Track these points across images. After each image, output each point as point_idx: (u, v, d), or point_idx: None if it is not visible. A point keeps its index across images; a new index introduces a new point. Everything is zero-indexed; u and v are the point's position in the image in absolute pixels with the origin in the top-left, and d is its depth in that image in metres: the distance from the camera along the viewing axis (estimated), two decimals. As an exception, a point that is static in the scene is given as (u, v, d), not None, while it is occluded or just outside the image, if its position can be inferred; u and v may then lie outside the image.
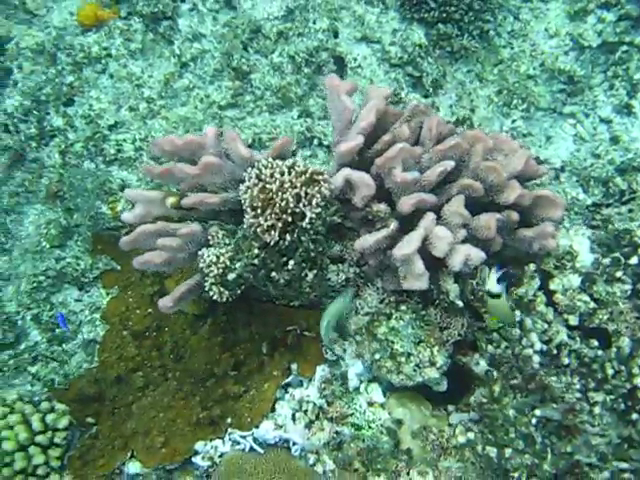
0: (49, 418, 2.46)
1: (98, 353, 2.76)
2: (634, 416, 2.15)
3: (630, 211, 2.64)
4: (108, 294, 2.93)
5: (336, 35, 3.10)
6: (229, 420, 2.36)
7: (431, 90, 3.06)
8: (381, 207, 2.15)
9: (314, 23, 3.07)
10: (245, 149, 2.09)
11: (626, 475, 2.11)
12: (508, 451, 2.14)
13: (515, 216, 2.17)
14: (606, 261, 2.27)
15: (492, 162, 2.13)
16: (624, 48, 3.17)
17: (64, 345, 2.91)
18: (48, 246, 2.98)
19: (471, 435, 2.22)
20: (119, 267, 2.93)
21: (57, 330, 2.91)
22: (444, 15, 3.00)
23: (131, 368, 2.65)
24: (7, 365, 2.87)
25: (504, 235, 2.22)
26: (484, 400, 2.21)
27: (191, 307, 2.64)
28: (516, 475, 2.14)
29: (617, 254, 2.26)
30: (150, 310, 2.79)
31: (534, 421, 2.12)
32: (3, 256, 3.07)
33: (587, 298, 2.26)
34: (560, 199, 2.24)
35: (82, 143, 3.04)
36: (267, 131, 3.04)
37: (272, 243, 2.00)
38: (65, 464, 2.47)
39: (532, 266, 2.27)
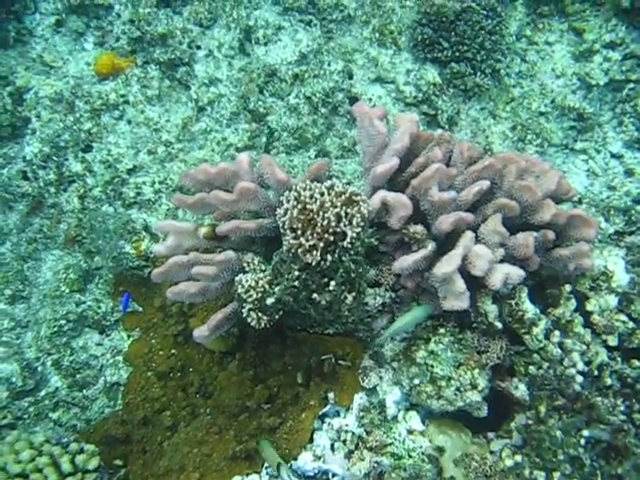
0: (79, 459, 2.38)
1: (122, 395, 2.71)
2: (682, 436, 2.13)
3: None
4: (130, 337, 2.89)
5: (351, 76, 3.17)
6: (266, 453, 2.29)
7: (447, 127, 3.12)
8: (418, 228, 2.15)
9: (329, 65, 3.13)
10: (282, 173, 2.10)
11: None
12: (557, 475, 2.09)
13: (551, 235, 2.18)
14: (642, 279, 2.28)
15: (526, 181, 2.15)
16: (631, 85, 3.26)
17: (85, 391, 2.84)
18: (68, 291, 2.95)
19: (518, 458, 2.17)
20: (141, 309, 2.89)
21: (78, 376, 2.84)
22: (457, 54, 3.08)
23: (157, 409, 2.59)
24: (27, 412, 2.80)
25: (540, 254, 2.22)
26: (529, 422, 2.17)
27: (217, 345, 2.60)
28: (566, 500, 2.09)
29: (653, 272, 2.28)
30: (174, 351, 2.75)
31: (583, 442, 2.08)
32: (20, 304, 3.03)
33: (625, 318, 2.26)
34: (593, 219, 2.25)
35: (101, 187, 3.05)
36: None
37: (313, 264, 1.98)
38: (95, 508, 2.39)
39: (567, 287, 2.26)
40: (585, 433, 2.10)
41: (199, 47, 3.22)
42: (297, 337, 2.41)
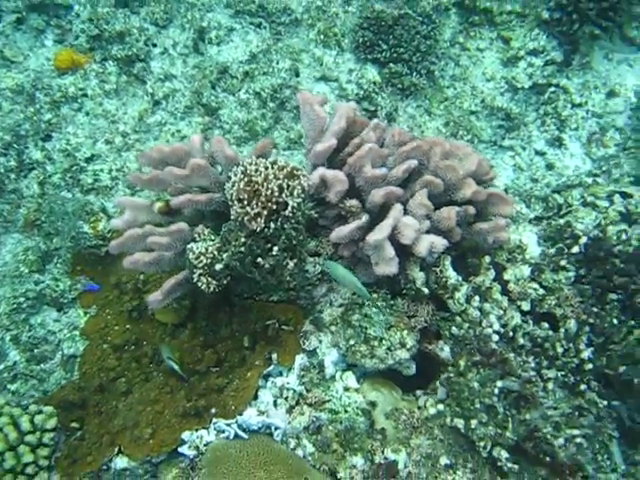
0: (38, 419, 2.54)
1: (79, 365, 2.86)
2: (582, 387, 2.39)
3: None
4: (86, 313, 3.04)
5: (297, 74, 3.42)
6: (214, 410, 2.49)
7: (385, 122, 3.37)
8: (353, 202, 2.40)
9: (277, 64, 3.38)
10: (231, 150, 2.33)
11: (578, 440, 2.32)
12: (474, 422, 2.33)
13: (472, 210, 2.44)
14: (551, 251, 2.55)
15: (450, 161, 2.41)
16: (552, 89, 3.58)
17: (43, 364, 2.99)
18: (27, 271, 3.10)
19: (441, 407, 2.41)
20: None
21: (36, 350, 3.00)
22: (395, 55, 3.36)
23: (113, 377, 2.76)
24: (-15, 385, 2.95)
25: (462, 228, 2.48)
26: (451, 375, 2.42)
27: (170, 317, 2.78)
28: (482, 444, 2.33)
29: (560, 245, 2.55)
30: (129, 326, 2.91)
31: (496, 391, 2.33)
32: (-21, 286, 3.17)
33: (537, 286, 2.53)
34: (510, 197, 2.53)
35: (60, 174, 3.22)
36: (235, 162, 3.30)
37: (258, 230, 2.20)
38: (53, 465, 2.54)
39: (487, 258, 2.53)
40: (499, 384, 2.34)
41: (155, 45, 3.44)
42: (244, 305, 2.62)
